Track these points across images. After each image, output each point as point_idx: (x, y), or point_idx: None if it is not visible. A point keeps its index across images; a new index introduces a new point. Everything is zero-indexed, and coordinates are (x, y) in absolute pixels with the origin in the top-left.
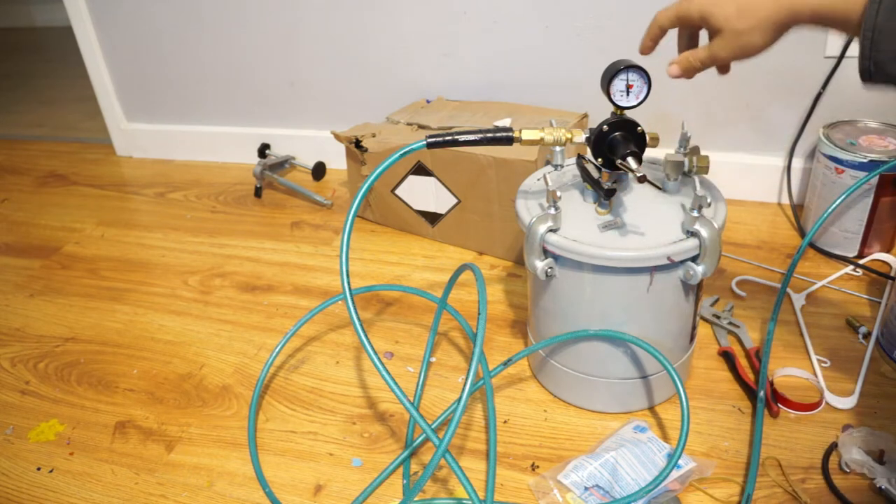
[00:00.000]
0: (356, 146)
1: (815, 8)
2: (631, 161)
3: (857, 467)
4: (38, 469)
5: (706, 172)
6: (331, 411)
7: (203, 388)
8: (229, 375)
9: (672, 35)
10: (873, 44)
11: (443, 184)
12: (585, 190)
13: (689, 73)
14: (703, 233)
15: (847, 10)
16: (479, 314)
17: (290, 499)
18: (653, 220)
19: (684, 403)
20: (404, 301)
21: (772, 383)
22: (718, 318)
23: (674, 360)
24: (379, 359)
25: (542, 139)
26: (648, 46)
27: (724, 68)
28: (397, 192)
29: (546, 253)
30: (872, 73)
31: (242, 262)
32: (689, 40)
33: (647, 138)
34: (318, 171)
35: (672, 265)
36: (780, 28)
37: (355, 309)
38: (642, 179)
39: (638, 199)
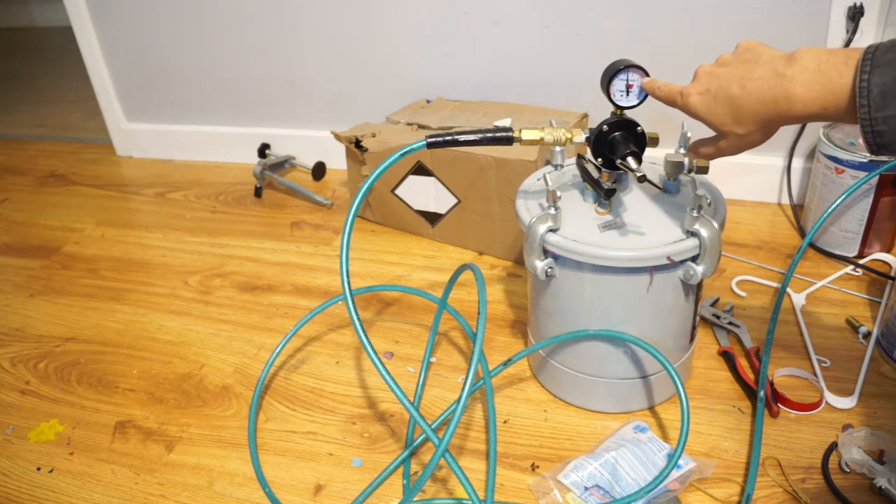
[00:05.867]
0: (356, 146)
1: (799, 114)
2: (631, 161)
3: (857, 467)
4: (38, 469)
5: (706, 172)
6: (331, 411)
7: (203, 388)
8: (229, 375)
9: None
10: (875, 134)
11: (443, 184)
12: (585, 190)
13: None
14: (703, 233)
15: (836, 110)
16: (479, 314)
17: (290, 499)
18: (653, 220)
19: (684, 403)
20: (404, 301)
21: (772, 383)
22: (718, 318)
23: (674, 360)
24: (379, 359)
25: (542, 139)
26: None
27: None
28: (397, 192)
29: (546, 253)
30: (877, 152)
31: (242, 262)
32: None
33: (647, 138)
34: (318, 171)
35: (672, 265)
36: (777, 125)
37: (355, 309)
38: (642, 179)
39: (638, 199)
